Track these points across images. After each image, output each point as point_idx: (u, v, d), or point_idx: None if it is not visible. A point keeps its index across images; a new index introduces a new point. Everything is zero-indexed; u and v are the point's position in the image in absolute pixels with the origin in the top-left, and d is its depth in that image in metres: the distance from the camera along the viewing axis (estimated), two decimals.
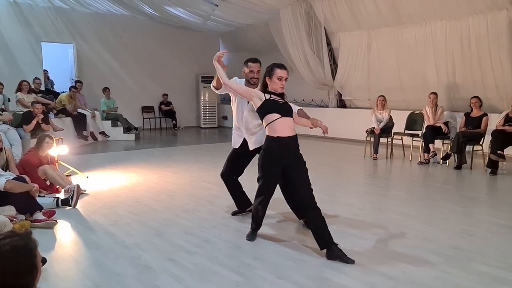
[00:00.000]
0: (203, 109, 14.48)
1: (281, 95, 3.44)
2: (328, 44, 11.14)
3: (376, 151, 7.90)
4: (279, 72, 3.37)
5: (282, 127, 3.29)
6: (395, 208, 4.71)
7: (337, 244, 3.20)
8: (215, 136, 12.74)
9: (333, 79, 11.21)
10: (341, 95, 11.45)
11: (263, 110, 3.36)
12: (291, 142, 3.34)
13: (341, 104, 11.58)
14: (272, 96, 3.40)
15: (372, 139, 8.03)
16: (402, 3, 8.86)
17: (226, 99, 15.83)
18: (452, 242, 3.57)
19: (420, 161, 7.43)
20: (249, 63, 3.98)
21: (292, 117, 3.42)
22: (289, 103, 3.56)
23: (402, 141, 8.26)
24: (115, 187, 5.72)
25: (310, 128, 3.56)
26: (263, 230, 3.84)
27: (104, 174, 6.55)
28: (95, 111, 10.74)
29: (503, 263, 3.12)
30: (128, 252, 3.41)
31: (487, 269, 3.02)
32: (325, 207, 4.69)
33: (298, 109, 3.73)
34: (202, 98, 14.45)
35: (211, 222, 4.15)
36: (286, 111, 3.36)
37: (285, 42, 11.61)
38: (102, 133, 10.74)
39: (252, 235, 3.68)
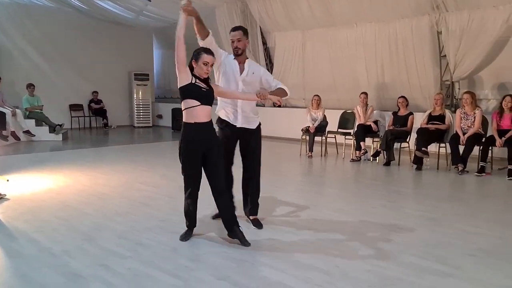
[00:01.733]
0: (136, 107, 14.00)
1: (206, 80, 3.43)
2: (264, 43, 11.26)
3: (311, 150, 8.09)
4: (205, 57, 3.36)
5: (200, 114, 3.34)
6: (329, 205, 4.84)
7: (240, 226, 3.53)
8: (149, 135, 12.37)
9: None
10: None
11: (185, 93, 3.35)
12: (208, 127, 3.40)
13: None
14: (197, 81, 3.38)
15: (307, 137, 8.23)
16: (334, 5, 9.17)
17: (160, 97, 15.49)
18: (382, 235, 3.74)
19: (352, 159, 7.73)
20: (231, 33, 3.79)
21: (211, 106, 3.42)
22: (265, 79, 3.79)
23: (336, 140, 8.54)
24: (40, 190, 5.33)
25: (278, 102, 3.62)
26: (200, 230, 3.77)
27: (28, 177, 6.09)
28: (16, 109, 9.96)
29: (428, 254, 3.31)
30: (55, 260, 3.18)
31: (414, 260, 3.18)
32: (262, 205, 4.71)
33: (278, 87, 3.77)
34: (135, 96, 13.98)
35: (145, 225, 4.00)
36: (207, 99, 3.38)
37: (220, 40, 11.54)
38: (27, 132, 10.00)
39: (186, 235, 3.61)
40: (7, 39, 11.54)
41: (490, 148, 6.45)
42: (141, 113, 14.08)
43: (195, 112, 3.32)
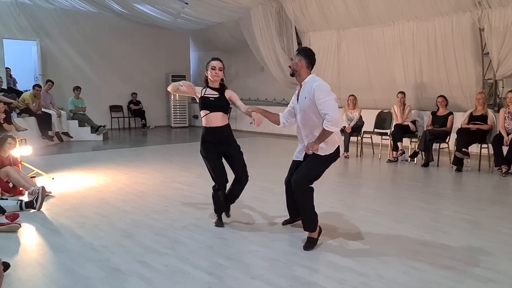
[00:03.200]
0: (173, 108, 14.30)
1: (221, 87, 3.85)
2: (299, 43, 11.20)
3: (346, 150, 8.00)
4: (212, 63, 3.83)
5: (211, 120, 3.81)
6: (365, 206, 4.77)
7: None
8: (186, 135, 12.61)
9: None
10: None
11: (199, 106, 3.87)
12: (221, 130, 3.82)
13: None
14: (208, 90, 3.83)
15: (343, 138, 8.13)
16: (370, 4, 9.02)
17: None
18: (420, 237, 3.65)
19: (389, 159, 7.58)
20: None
21: (222, 112, 3.85)
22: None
23: (372, 140, 8.40)
24: (82, 188, 5.56)
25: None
26: (235, 229, 3.82)
27: (71, 175, 6.36)
28: (61, 111, 10.42)
29: (468, 257, 3.21)
30: (96, 255, 3.31)
31: (453, 264, 3.10)
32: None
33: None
34: (172, 97, 14.27)
35: (182, 223, 4.09)
36: (215, 107, 3.81)
37: (256, 41, 11.62)
38: (65, 134, 10.45)
39: (219, 222, 3.96)
40: (52, 43, 12.06)
41: None
42: (178, 114, 14.37)
43: (207, 120, 3.82)
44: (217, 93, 3.82)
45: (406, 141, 7.73)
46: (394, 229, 3.90)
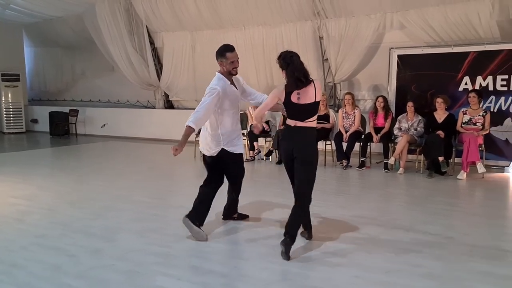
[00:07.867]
0: (5, 111, 12.44)
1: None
2: (152, 43, 10.85)
3: None
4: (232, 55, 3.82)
5: None
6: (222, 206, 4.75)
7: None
8: (22, 142, 11.06)
9: (159, 79, 10.96)
10: (168, 95, 11.27)
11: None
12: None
13: (169, 105, 11.41)
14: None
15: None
16: (222, 8, 9.19)
17: (34, 100, 14.06)
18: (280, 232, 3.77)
19: (246, 159, 7.79)
20: (227, 54, 3.74)
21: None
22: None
23: None
24: None
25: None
26: (85, 243, 3.41)
27: None
28: None
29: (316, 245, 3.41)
30: None
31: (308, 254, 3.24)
32: (157, 211, 4.49)
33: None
34: (3, 99, 12.41)
35: (20, 243, 3.49)
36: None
37: (104, 39, 10.86)
38: None
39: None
40: None
41: (369, 144, 7.01)
42: (12, 118, 12.55)
43: None
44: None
45: (261, 140, 8.06)
46: (255, 226, 3.95)
